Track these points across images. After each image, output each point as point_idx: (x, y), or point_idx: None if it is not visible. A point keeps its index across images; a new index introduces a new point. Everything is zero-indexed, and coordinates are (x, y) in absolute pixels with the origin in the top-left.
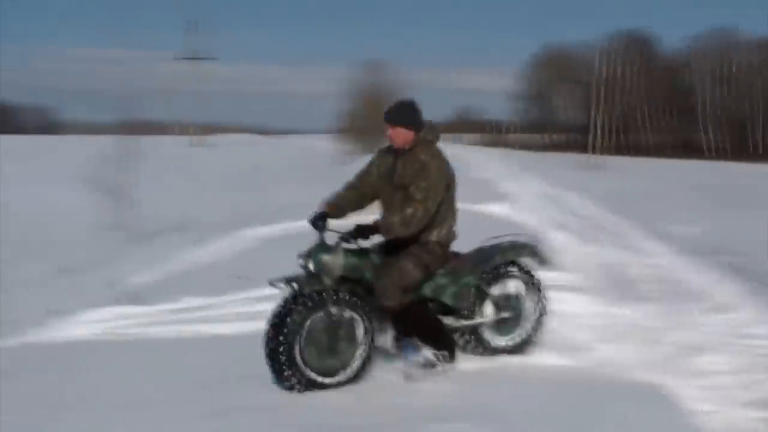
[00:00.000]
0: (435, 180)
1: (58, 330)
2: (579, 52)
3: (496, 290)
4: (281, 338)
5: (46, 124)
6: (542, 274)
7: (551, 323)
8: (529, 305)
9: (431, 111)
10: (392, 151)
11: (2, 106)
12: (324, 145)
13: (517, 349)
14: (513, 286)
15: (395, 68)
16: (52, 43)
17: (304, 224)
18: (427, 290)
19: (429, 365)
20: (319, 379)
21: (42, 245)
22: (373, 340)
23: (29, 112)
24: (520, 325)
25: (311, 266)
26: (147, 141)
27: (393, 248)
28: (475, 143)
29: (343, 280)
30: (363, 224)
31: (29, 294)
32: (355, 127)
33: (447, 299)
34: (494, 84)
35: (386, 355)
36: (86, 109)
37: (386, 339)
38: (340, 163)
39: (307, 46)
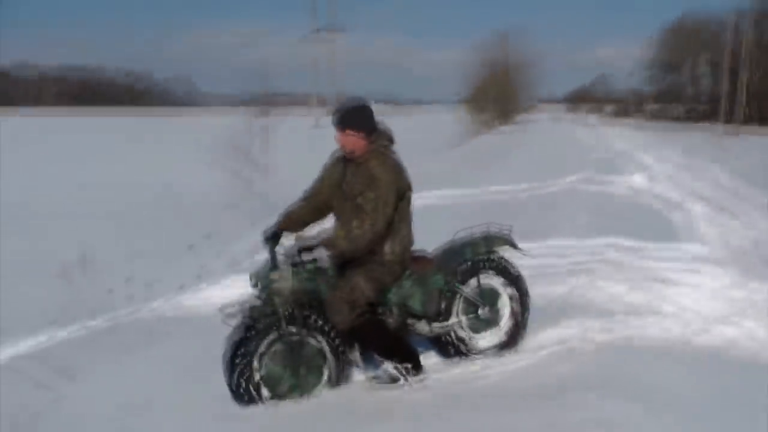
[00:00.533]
0: (384, 192)
1: (208, 293)
2: (717, 19)
3: (469, 288)
4: (237, 367)
5: (183, 97)
6: (679, 249)
7: (686, 296)
8: (507, 300)
9: (559, 83)
10: (343, 158)
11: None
12: (451, 117)
13: (504, 346)
14: (488, 281)
15: (524, 39)
16: (191, 17)
17: (429, 196)
18: (394, 298)
19: (392, 380)
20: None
21: (185, 213)
22: (339, 359)
23: (167, 84)
24: (501, 322)
25: (260, 289)
26: (280, 114)
27: (347, 262)
28: (606, 115)
29: (299, 301)
30: (305, 240)
31: (180, 259)
32: (483, 99)
33: (415, 305)
34: (625, 56)
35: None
36: (223, 83)
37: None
38: (468, 135)
39: (436, 16)
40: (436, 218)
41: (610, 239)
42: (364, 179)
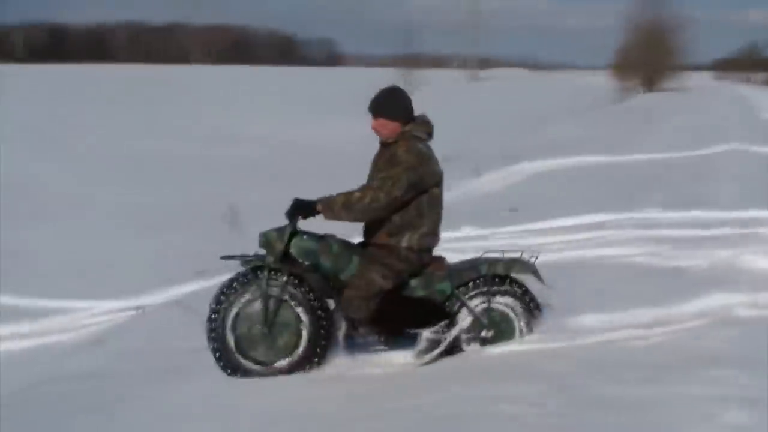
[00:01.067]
0: (398, 173)
1: None
2: None
3: (477, 304)
4: (212, 317)
5: (328, 57)
6: None
7: None
8: (518, 327)
9: (714, 47)
10: (381, 146)
11: (288, 39)
12: (598, 81)
13: None
14: (501, 303)
15: (673, 3)
16: None
17: (575, 161)
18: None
19: (435, 343)
20: (253, 366)
21: (329, 173)
22: (321, 327)
23: (313, 44)
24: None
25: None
26: (424, 74)
27: (365, 244)
28: (756, 83)
29: (296, 263)
30: (302, 200)
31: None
32: (632, 62)
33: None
34: None
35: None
36: (368, 42)
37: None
38: (613, 101)
39: None
40: (574, 185)
41: (761, 212)
42: (388, 160)
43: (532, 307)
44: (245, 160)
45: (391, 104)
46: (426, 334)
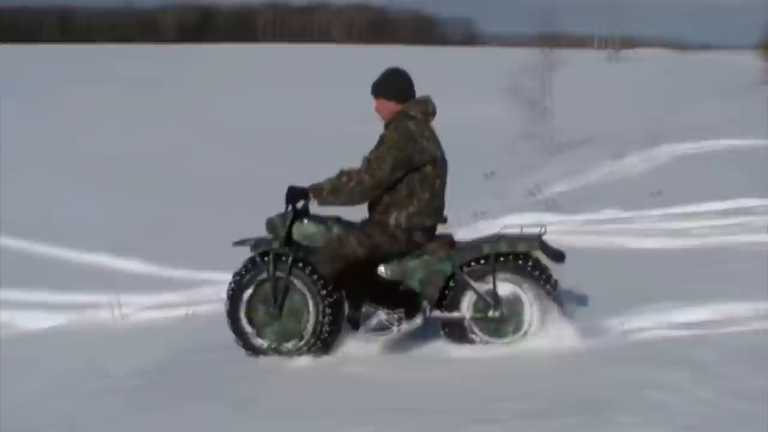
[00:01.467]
0: (383, 152)
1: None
2: None
3: (483, 285)
4: (228, 302)
5: (467, 37)
6: None
7: None
8: (529, 306)
9: None
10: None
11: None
12: (747, 61)
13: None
14: (509, 282)
15: None
16: None
17: (722, 144)
18: (391, 272)
19: (381, 327)
20: (266, 346)
21: (467, 152)
22: (326, 308)
23: (451, 24)
24: (517, 329)
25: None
26: (564, 54)
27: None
28: None
29: (300, 247)
30: (295, 187)
31: (459, 197)
32: None
33: (414, 284)
34: None
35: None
36: (506, 22)
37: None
38: (764, 81)
39: None
40: (720, 169)
41: None
42: (378, 141)
43: (543, 284)
44: None
45: (387, 84)
46: (381, 314)
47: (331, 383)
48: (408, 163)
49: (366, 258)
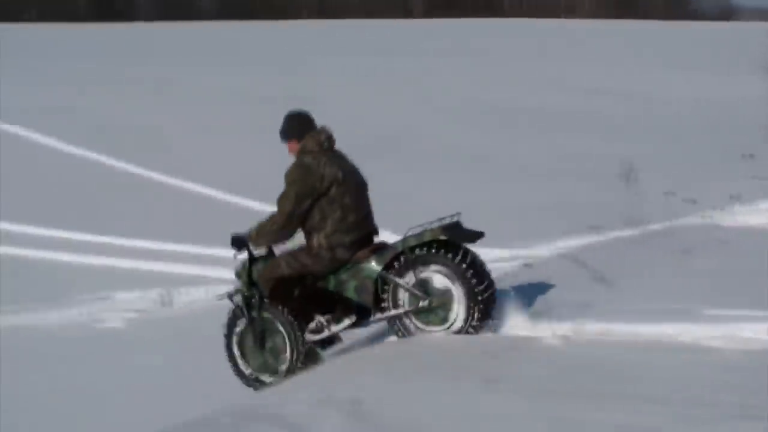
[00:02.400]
0: (285, 191)
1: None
2: None
3: (407, 278)
4: (225, 343)
5: (724, 11)
6: None
7: None
8: (454, 289)
9: None
10: None
11: None
12: None
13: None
14: (430, 271)
15: None
16: None
17: None
18: (331, 287)
19: (317, 331)
20: (264, 377)
21: (723, 131)
22: (297, 340)
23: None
24: (450, 312)
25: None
26: None
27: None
28: None
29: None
30: (236, 234)
31: (713, 177)
32: None
33: (350, 294)
34: None
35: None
36: None
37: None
38: None
39: None
40: None
41: None
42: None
43: (466, 268)
44: (632, 115)
45: (286, 129)
46: (319, 319)
47: (580, 365)
48: (311, 193)
49: (296, 276)
